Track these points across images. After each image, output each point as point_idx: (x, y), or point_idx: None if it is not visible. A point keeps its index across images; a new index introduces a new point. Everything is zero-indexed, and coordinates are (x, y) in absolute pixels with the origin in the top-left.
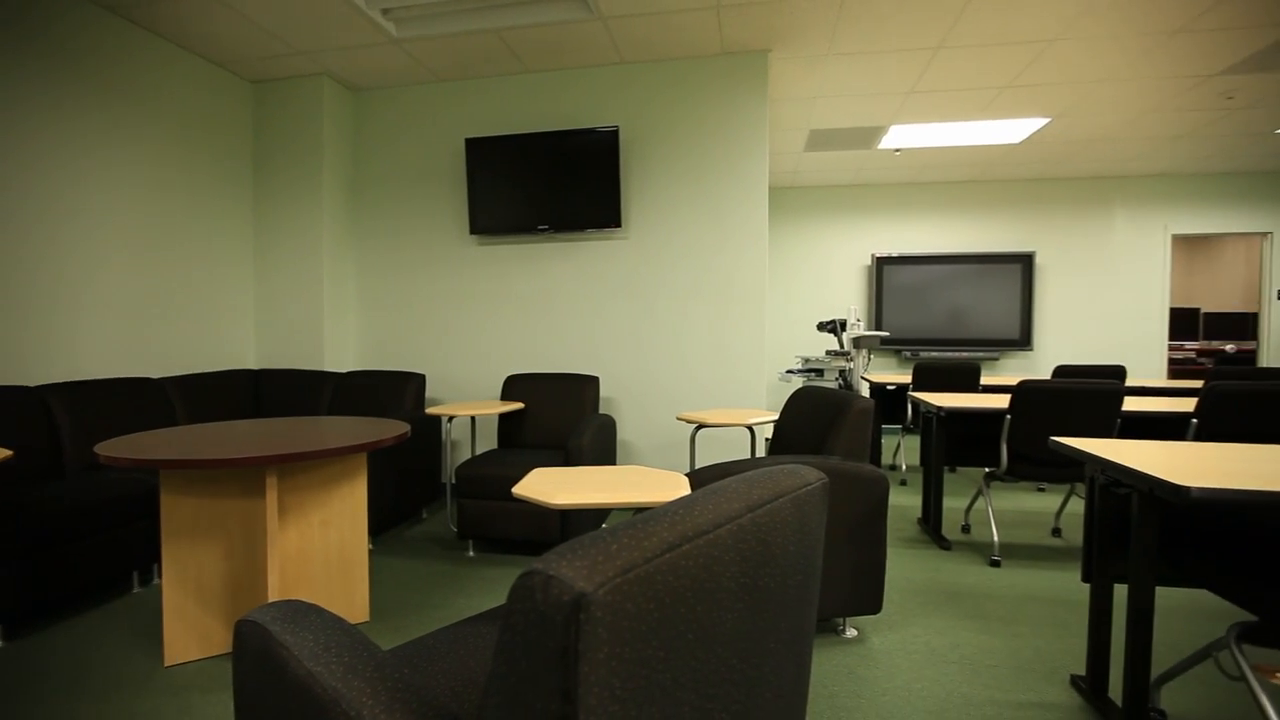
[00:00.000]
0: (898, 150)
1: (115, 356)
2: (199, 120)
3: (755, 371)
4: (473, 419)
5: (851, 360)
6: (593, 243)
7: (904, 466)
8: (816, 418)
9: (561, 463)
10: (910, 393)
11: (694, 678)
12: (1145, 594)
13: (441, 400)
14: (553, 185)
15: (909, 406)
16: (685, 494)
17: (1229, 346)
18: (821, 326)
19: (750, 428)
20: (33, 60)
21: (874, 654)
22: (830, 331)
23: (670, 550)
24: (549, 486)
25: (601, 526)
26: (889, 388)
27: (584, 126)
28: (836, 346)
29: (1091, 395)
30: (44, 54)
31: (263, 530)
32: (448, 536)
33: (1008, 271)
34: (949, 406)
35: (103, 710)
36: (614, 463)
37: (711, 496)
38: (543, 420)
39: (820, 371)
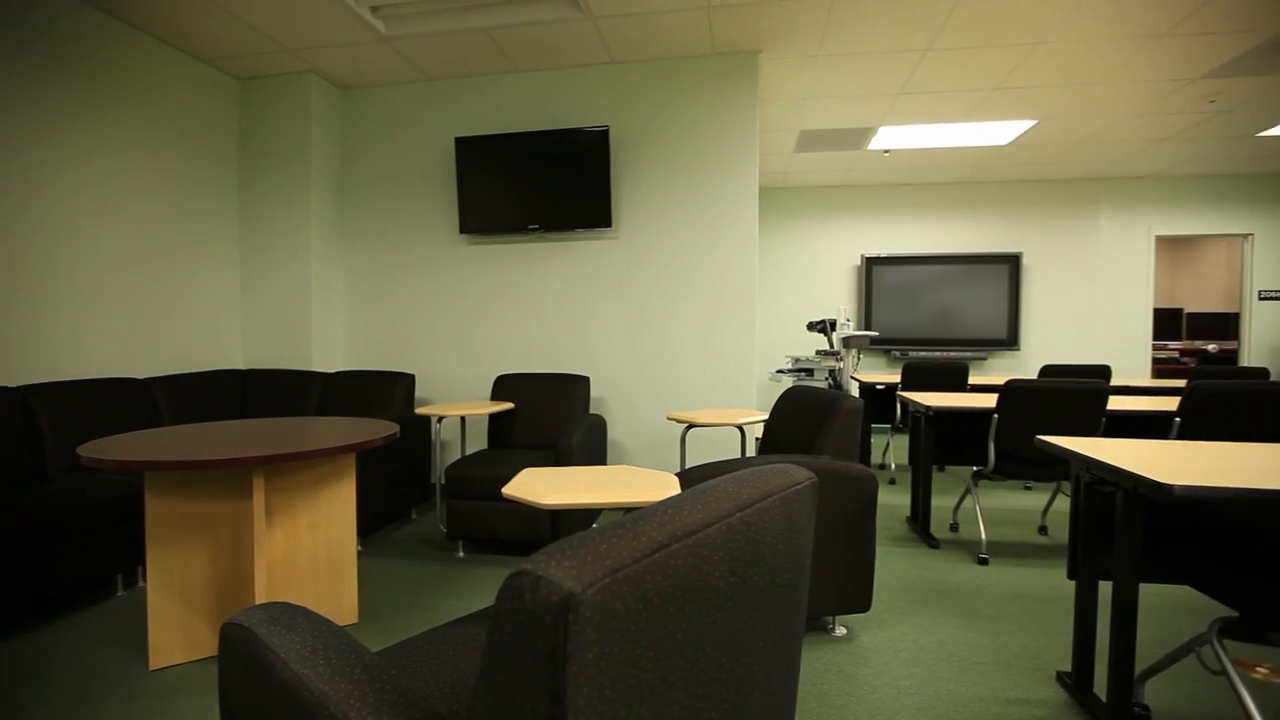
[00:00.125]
0: (887, 151)
1: (99, 356)
2: (184, 117)
3: (745, 371)
4: (462, 419)
5: (841, 360)
6: (583, 242)
7: (893, 465)
8: (806, 417)
9: (552, 463)
10: (899, 392)
11: (683, 677)
12: (1129, 591)
13: (431, 400)
14: (543, 185)
15: (898, 406)
16: (675, 494)
17: (1211, 346)
18: (811, 326)
19: (740, 427)
20: (11, 52)
21: (863, 652)
22: (820, 331)
23: (659, 550)
24: (539, 487)
25: (592, 527)
26: (878, 387)
27: (574, 126)
28: (826, 346)
29: (1077, 394)
30: (23, 46)
31: (249, 532)
32: (437, 537)
33: (995, 272)
34: (937, 406)
35: (86, 714)
36: (604, 463)
37: (701, 496)
38: (533, 420)
39: (810, 371)
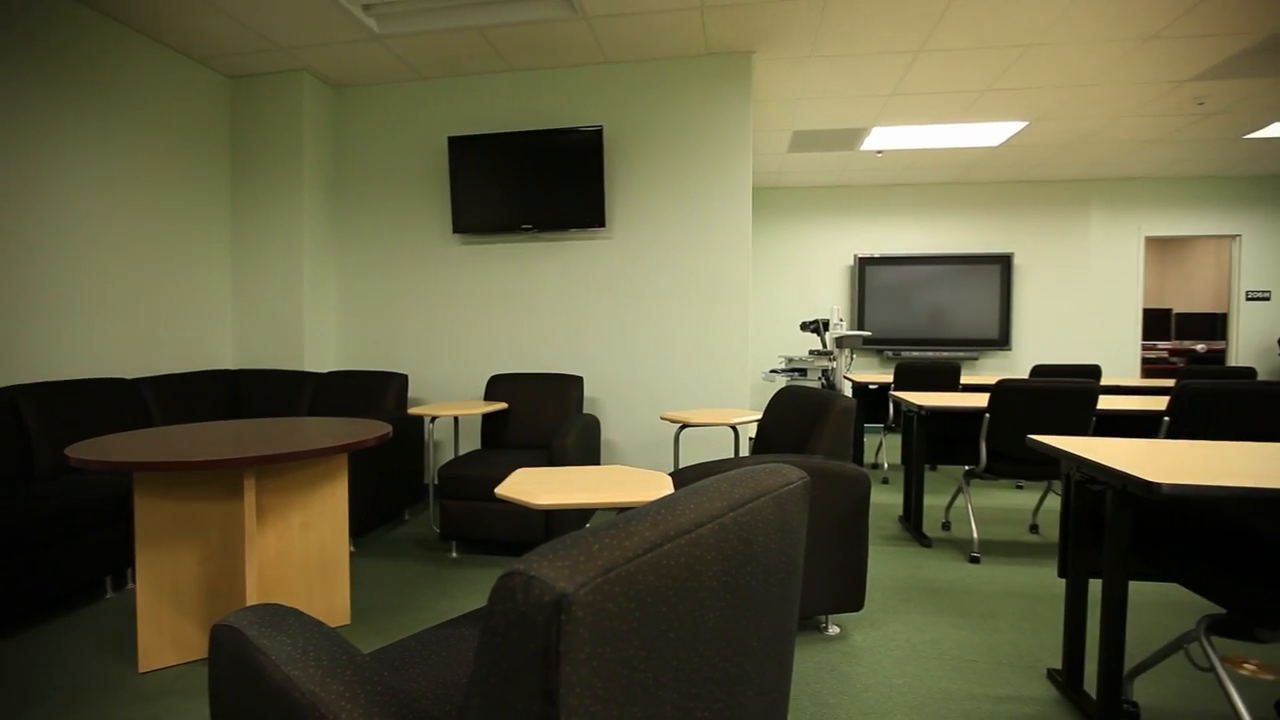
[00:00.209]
0: (880, 152)
1: (87, 356)
2: (175, 116)
3: (739, 371)
4: (456, 419)
5: (834, 360)
6: (577, 242)
7: (886, 465)
8: (799, 417)
9: (545, 463)
10: (892, 392)
11: (676, 676)
12: (1119, 588)
13: (424, 400)
14: (536, 184)
15: (891, 406)
16: (668, 493)
17: (1200, 346)
18: (805, 326)
19: (734, 427)
20: None
21: (856, 651)
22: (813, 331)
23: (652, 549)
24: (532, 487)
25: (585, 527)
26: (871, 387)
27: (568, 126)
28: (819, 346)
29: (1067, 394)
30: (11, 45)
31: (240, 533)
32: (430, 538)
33: (987, 272)
34: (930, 406)
35: (75, 718)
36: (598, 463)
37: (693, 495)
38: (526, 420)
39: (803, 371)
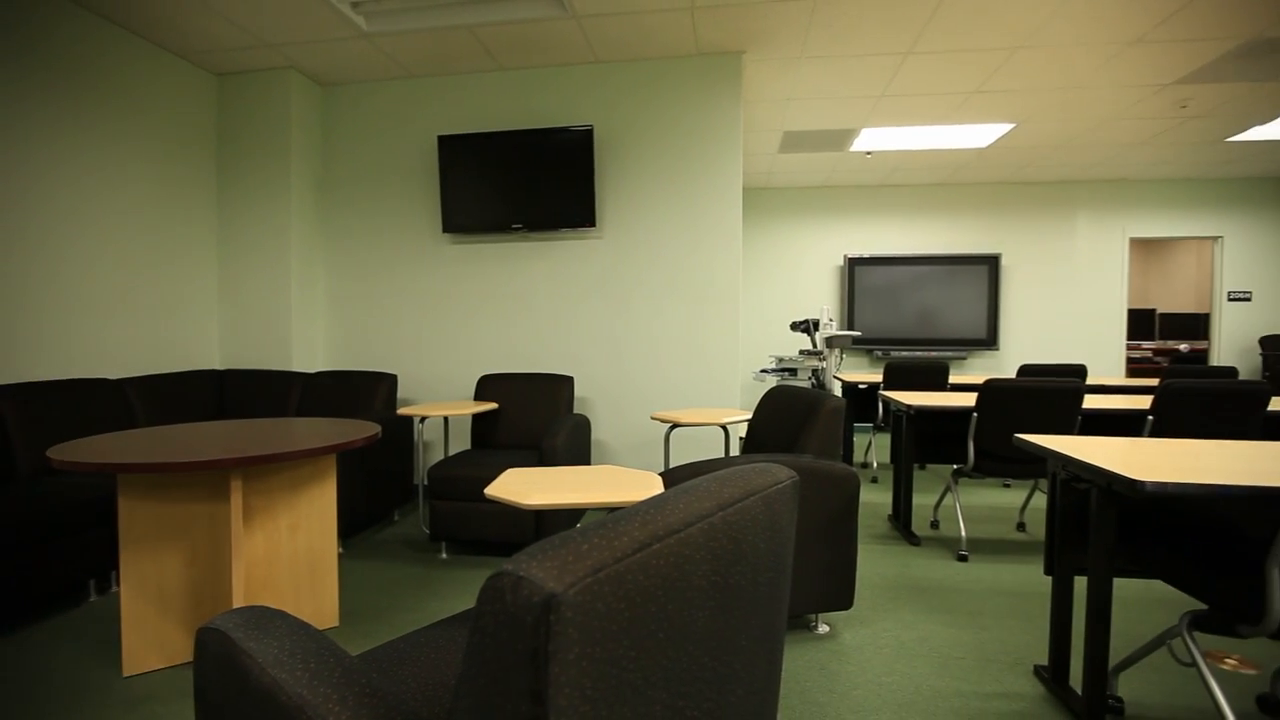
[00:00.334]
0: (869, 153)
1: (70, 356)
2: (160, 113)
3: (729, 371)
4: (446, 419)
5: (824, 360)
6: (567, 242)
7: (875, 464)
8: (789, 416)
9: (536, 463)
10: (881, 392)
11: (665, 676)
12: (1103, 586)
13: (414, 400)
14: (526, 184)
15: (880, 405)
16: (658, 493)
17: (1183, 346)
18: (795, 326)
19: (724, 427)
20: None
21: (845, 649)
22: (803, 331)
23: (641, 549)
24: (522, 487)
25: (575, 527)
26: (861, 387)
27: (558, 125)
28: (809, 346)
29: (1054, 394)
30: None
31: (227, 535)
32: (420, 539)
33: (975, 273)
34: (918, 405)
35: None
36: (589, 463)
37: (683, 495)
38: (517, 420)
39: (794, 371)
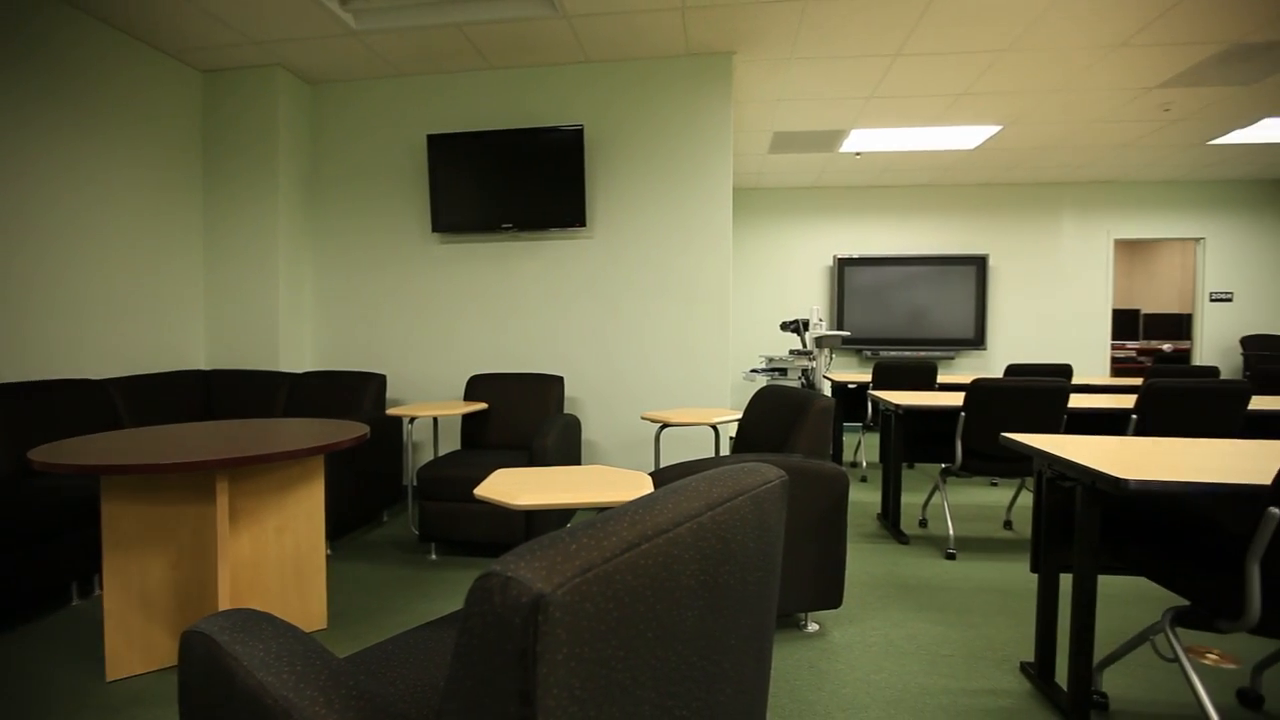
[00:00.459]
0: (858, 154)
1: (52, 356)
2: (144, 110)
3: (719, 371)
4: (435, 420)
5: (814, 359)
6: (557, 242)
7: (864, 463)
8: (779, 416)
9: (526, 463)
10: (870, 391)
11: (654, 675)
12: (1088, 582)
13: (403, 401)
14: (517, 183)
15: (869, 405)
16: (647, 493)
17: (1166, 346)
18: (785, 326)
19: (714, 427)
20: None
21: (834, 647)
22: (793, 331)
23: (630, 549)
24: (512, 487)
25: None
26: (850, 386)
27: (549, 125)
28: (799, 346)
29: (1040, 393)
30: None
31: (213, 537)
32: (409, 540)
33: (963, 273)
34: (907, 405)
35: None
36: (579, 463)
37: (672, 495)
38: (507, 420)
39: (783, 370)
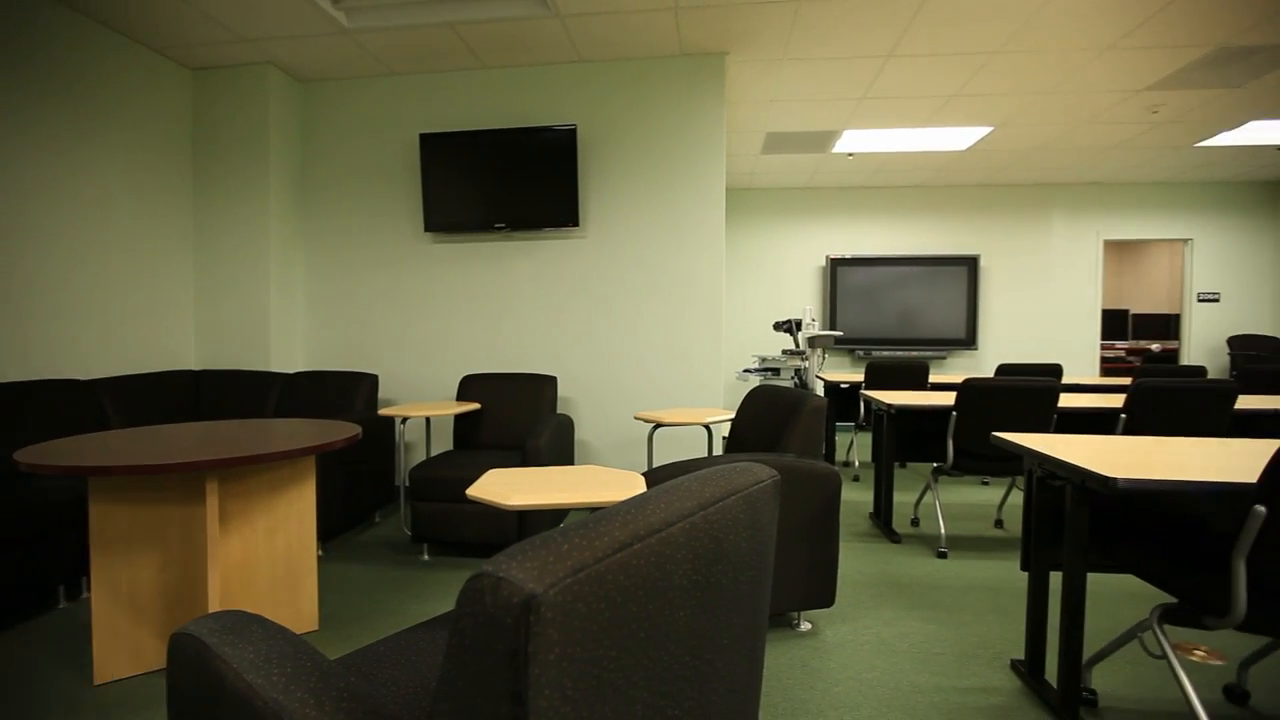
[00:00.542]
0: (851, 154)
1: (39, 356)
2: (133, 108)
3: (712, 371)
4: (427, 420)
5: (807, 359)
6: (550, 241)
7: (856, 463)
8: (772, 416)
9: (519, 463)
10: (863, 391)
11: (646, 675)
12: (1078, 580)
13: (395, 401)
14: (509, 183)
15: (861, 404)
16: (640, 493)
17: (1155, 346)
18: (777, 326)
19: (707, 426)
20: None
21: (827, 646)
22: (786, 331)
23: (622, 549)
24: (504, 488)
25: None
26: (842, 386)
27: (541, 124)
28: (792, 346)
29: (1030, 393)
30: None
31: (203, 539)
32: (401, 540)
33: (954, 274)
34: (899, 404)
35: None
36: (572, 463)
37: (664, 495)
38: (500, 421)
39: (776, 370)
